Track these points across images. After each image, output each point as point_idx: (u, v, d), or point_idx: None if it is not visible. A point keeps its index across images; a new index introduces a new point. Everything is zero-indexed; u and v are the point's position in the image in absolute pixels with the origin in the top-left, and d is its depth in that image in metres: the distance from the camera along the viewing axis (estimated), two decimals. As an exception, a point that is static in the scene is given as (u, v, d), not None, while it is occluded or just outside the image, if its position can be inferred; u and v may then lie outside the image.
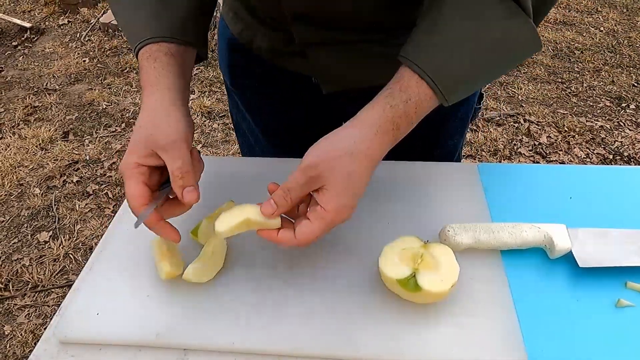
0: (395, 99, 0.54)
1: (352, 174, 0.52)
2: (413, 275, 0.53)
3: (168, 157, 0.54)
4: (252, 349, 0.52)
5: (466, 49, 0.54)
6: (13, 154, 2.29)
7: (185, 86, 0.61)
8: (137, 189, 0.54)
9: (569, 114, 2.47)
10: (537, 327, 0.53)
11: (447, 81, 0.54)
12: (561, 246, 0.58)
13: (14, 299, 1.68)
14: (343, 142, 0.53)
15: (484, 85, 0.63)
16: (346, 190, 0.52)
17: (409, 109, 0.53)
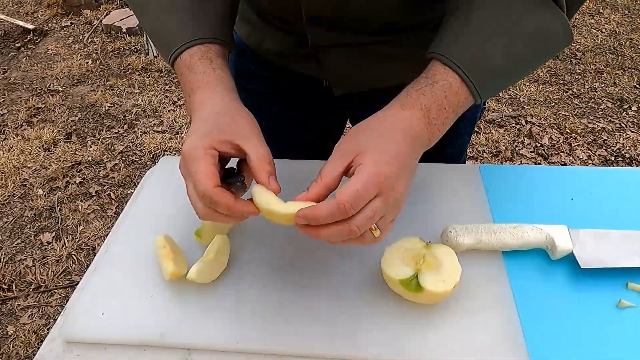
0: (421, 84, 0.52)
1: (383, 139, 0.49)
2: (415, 275, 0.53)
3: (252, 144, 0.51)
4: (255, 348, 0.53)
5: (499, 43, 0.52)
6: (16, 155, 2.30)
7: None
8: (211, 168, 0.49)
9: (570, 116, 2.47)
10: (538, 327, 0.53)
11: (480, 75, 0.52)
12: (562, 247, 0.58)
13: (17, 300, 1.69)
14: (368, 121, 0.52)
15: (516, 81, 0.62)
16: (381, 154, 0.47)
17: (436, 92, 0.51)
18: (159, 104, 2.64)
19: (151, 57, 3.04)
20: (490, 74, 0.53)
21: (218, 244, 0.60)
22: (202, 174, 0.48)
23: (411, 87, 0.53)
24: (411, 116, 0.51)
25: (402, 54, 0.72)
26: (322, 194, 0.49)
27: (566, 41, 0.55)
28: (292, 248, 0.63)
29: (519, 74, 0.59)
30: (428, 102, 0.51)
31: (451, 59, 0.52)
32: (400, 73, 0.73)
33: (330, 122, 0.92)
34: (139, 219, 0.68)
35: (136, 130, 2.46)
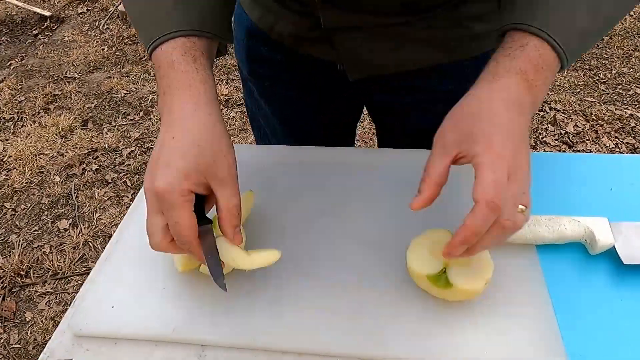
0: (508, 49, 0.48)
1: (487, 118, 0.45)
2: (444, 270, 0.50)
3: (225, 192, 0.48)
4: (272, 346, 0.50)
5: (583, 4, 0.48)
6: (34, 142, 2.30)
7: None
8: (192, 220, 0.46)
9: (597, 102, 2.39)
10: (577, 327, 0.49)
11: (567, 38, 0.47)
12: (603, 241, 0.54)
13: (34, 286, 1.70)
14: (463, 104, 0.48)
15: (601, 37, 0.57)
16: (493, 137, 0.44)
17: (529, 52, 0.47)
18: (175, 90, 2.62)
19: (167, 44, 3.01)
20: (576, 37, 0.48)
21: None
22: (186, 227, 0.46)
23: (498, 54, 0.49)
24: (508, 83, 0.47)
25: (421, 36, 0.67)
26: (435, 192, 0.47)
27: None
28: (309, 240, 0.60)
29: (604, 31, 0.53)
30: (523, 64, 0.47)
31: (533, 25, 0.47)
32: (420, 57, 0.69)
33: (345, 107, 0.88)
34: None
35: (152, 117, 2.44)
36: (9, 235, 1.88)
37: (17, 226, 1.92)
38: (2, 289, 1.69)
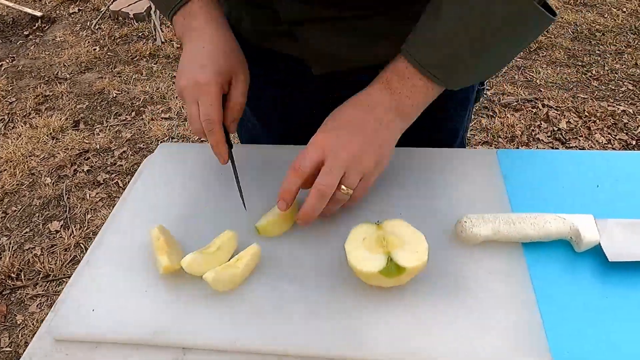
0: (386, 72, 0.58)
1: (336, 113, 0.58)
2: (389, 259, 0.49)
3: (238, 91, 0.62)
4: (253, 348, 0.49)
5: (467, 39, 0.53)
6: (24, 144, 2.29)
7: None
8: (220, 105, 0.60)
9: (589, 99, 2.39)
10: (562, 326, 0.49)
11: (447, 74, 0.55)
12: (589, 238, 0.54)
13: (25, 289, 1.68)
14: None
15: (497, 70, 0.64)
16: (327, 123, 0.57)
17: (398, 65, 0.57)
18: (167, 90, 2.61)
19: (158, 44, 3.00)
20: (458, 70, 0.56)
21: (223, 239, 0.56)
22: (214, 108, 0.59)
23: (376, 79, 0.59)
24: (369, 89, 0.58)
25: (381, 31, 0.66)
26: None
27: (542, 24, 0.53)
28: (291, 244, 0.59)
29: (496, 65, 0.61)
30: (387, 74, 0.57)
31: (416, 60, 0.55)
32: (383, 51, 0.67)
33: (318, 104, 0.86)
34: (135, 209, 0.65)
35: (144, 117, 2.43)
36: (0, 238, 1.87)
37: (7, 228, 1.91)
38: (-8, 291, 1.67)
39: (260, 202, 0.63)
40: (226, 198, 0.65)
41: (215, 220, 0.62)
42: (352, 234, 0.53)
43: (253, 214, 0.61)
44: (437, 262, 0.55)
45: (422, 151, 0.70)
